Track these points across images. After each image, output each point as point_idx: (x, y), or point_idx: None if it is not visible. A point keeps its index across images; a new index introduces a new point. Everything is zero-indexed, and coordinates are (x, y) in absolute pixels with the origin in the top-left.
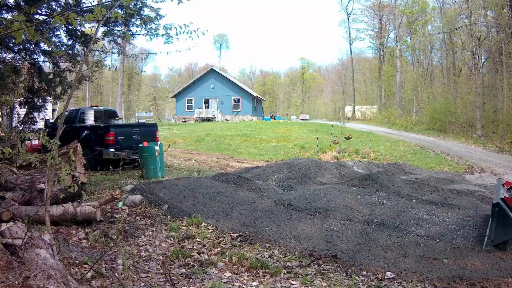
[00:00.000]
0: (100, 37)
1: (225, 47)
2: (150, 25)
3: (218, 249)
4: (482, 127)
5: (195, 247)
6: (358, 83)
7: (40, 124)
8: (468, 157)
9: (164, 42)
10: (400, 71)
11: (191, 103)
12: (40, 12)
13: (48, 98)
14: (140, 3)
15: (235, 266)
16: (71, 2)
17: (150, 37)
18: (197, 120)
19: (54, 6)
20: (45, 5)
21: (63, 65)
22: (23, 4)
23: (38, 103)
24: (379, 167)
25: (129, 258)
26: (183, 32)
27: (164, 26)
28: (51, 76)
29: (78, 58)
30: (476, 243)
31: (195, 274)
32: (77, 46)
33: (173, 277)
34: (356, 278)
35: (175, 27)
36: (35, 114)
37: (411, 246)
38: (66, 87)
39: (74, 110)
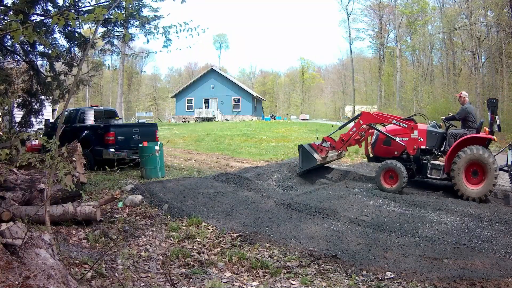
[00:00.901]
0: (98, 38)
1: (225, 47)
2: (149, 25)
3: (218, 249)
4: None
5: (195, 247)
6: (358, 83)
7: (37, 128)
8: None
9: (163, 45)
10: (400, 71)
11: (191, 103)
12: (37, 13)
13: (46, 102)
14: (139, 3)
15: (235, 266)
16: (69, 2)
17: (148, 40)
18: (197, 120)
19: (50, 7)
20: (42, 5)
21: (60, 67)
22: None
23: (35, 106)
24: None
25: (129, 258)
26: (183, 30)
27: (163, 27)
28: (49, 79)
29: (76, 62)
30: (476, 243)
31: (195, 274)
32: (75, 48)
33: (173, 277)
34: (356, 278)
35: (174, 25)
36: (32, 118)
37: (411, 246)
38: (64, 91)
39: (74, 110)
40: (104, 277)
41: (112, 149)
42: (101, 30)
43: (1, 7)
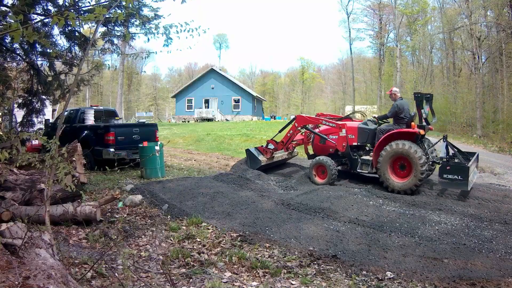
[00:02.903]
0: (99, 38)
1: (225, 47)
2: (149, 24)
3: (218, 249)
4: (482, 127)
5: (195, 247)
6: (358, 83)
7: (37, 128)
8: None
9: (163, 44)
10: (400, 71)
11: (191, 103)
12: (37, 13)
13: (47, 102)
14: (139, 3)
15: (235, 266)
16: (69, 2)
17: (148, 38)
18: (197, 120)
19: (50, 7)
20: (42, 5)
21: (60, 67)
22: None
23: (36, 106)
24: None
25: (129, 258)
26: (184, 31)
27: (163, 26)
28: (49, 79)
29: (76, 62)
30: (476, 243)
31: (195, 274)
32: (76, 48)
33: (173, 277)
34: (356, 278)
35: (175, 25)
36: (34, 118)
37: (411, 246)
38: (65, 91)
39: (74, 110)
40: (104, 277)
41: (112, 149)
42: (101, 29)
43: (2, 8)
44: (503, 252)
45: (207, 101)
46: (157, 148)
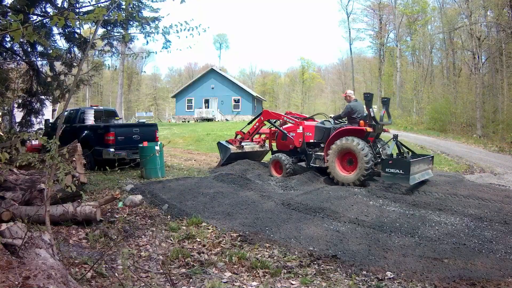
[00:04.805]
0: (98, 38)
1: (225, 47)
2: (149, 25)
3: (218, 249)
4: (482, 127)
5: (195, 247)
6: (358, 83)
7: (37, 128)
8: (468, 157)
9: (162, 47)
10: (400, 71)
11: (191, 103)
12: (37, 14)
13: (46, 102)
14: (139, 4)
15: (235, 266)
16: (68, 2)
17: (147, 41)
18: (197, 120)
19: (49, 9)
20: (41, 7)
21: (60, 68)
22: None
23: (35, 106)
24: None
25: (129, 258)
26: (184, 30)
27: (163, 28)
28: (49, 80)
29: (75, 63)
30: (476, 243)
31: (195, 274)
32: (75, 48)
33: (173, 277)
34: (356, 278)
35: (175, 25)
36: (32, 118)
37: (411, 246)
38: (64, 91)
39: (74, 110)
40: (104, 277)
41: (112, 149)
42: (100, 31)
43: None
44: (503, 252)
45: (207, 101)
46: (157, 148)
